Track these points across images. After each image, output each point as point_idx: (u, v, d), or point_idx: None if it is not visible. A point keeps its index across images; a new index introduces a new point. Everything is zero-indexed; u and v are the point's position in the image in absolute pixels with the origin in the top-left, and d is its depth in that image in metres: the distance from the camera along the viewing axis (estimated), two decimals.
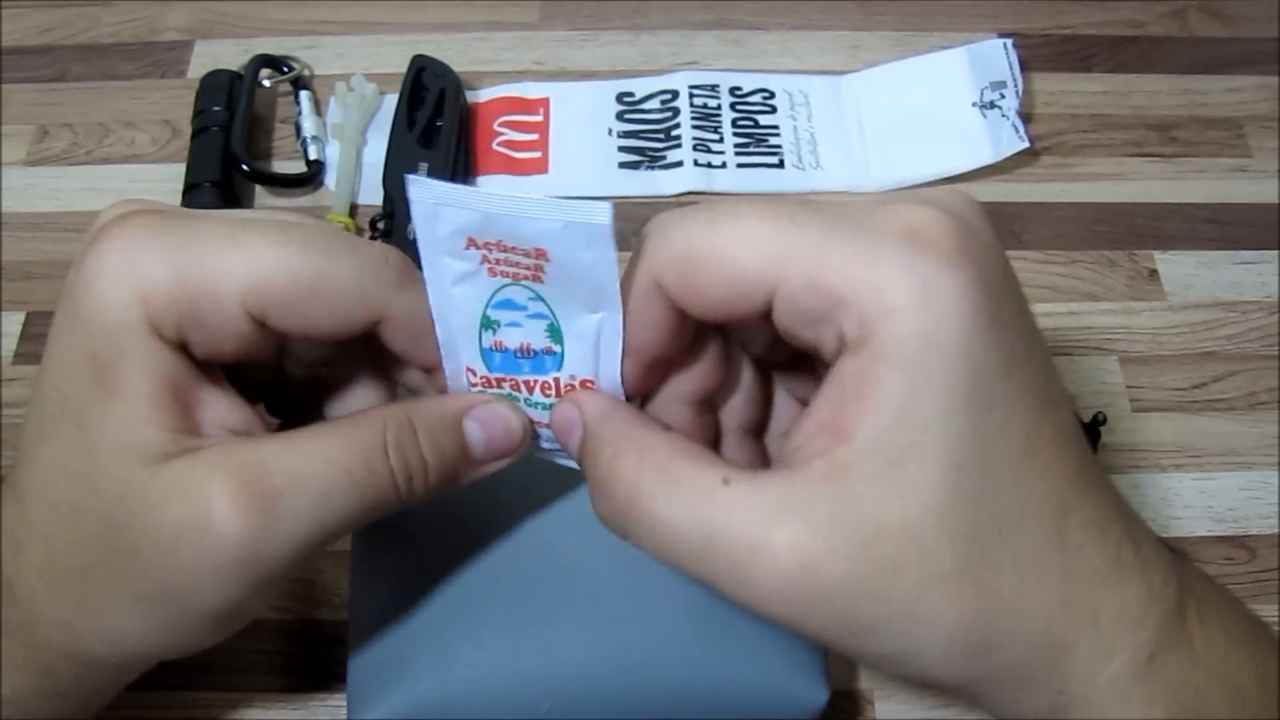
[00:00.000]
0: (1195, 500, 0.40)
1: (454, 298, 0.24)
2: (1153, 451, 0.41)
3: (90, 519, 0.23)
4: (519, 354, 0.25)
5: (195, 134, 0.46)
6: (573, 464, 0.27)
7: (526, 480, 0.32)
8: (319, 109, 0.49)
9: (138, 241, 0.23)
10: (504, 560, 0.31)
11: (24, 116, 0.49)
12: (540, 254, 0.23)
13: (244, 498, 0.22)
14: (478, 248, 0.23)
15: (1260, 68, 0.52)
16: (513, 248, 0.23)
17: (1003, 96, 0.49)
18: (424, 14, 0.53)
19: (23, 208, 0.46)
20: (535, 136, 0.49)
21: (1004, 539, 0.22)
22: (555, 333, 0.25)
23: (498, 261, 0.24)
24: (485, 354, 0.26)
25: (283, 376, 0.29)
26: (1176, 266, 0.46)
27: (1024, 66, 0.50)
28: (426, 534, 0.31)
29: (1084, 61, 0.52)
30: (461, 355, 0.26)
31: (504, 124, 0.49)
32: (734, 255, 0.22)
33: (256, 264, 0.23)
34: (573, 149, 0.49)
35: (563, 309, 0.24)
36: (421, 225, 0.23)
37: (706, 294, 0.22)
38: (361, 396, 0.28)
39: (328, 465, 0.23)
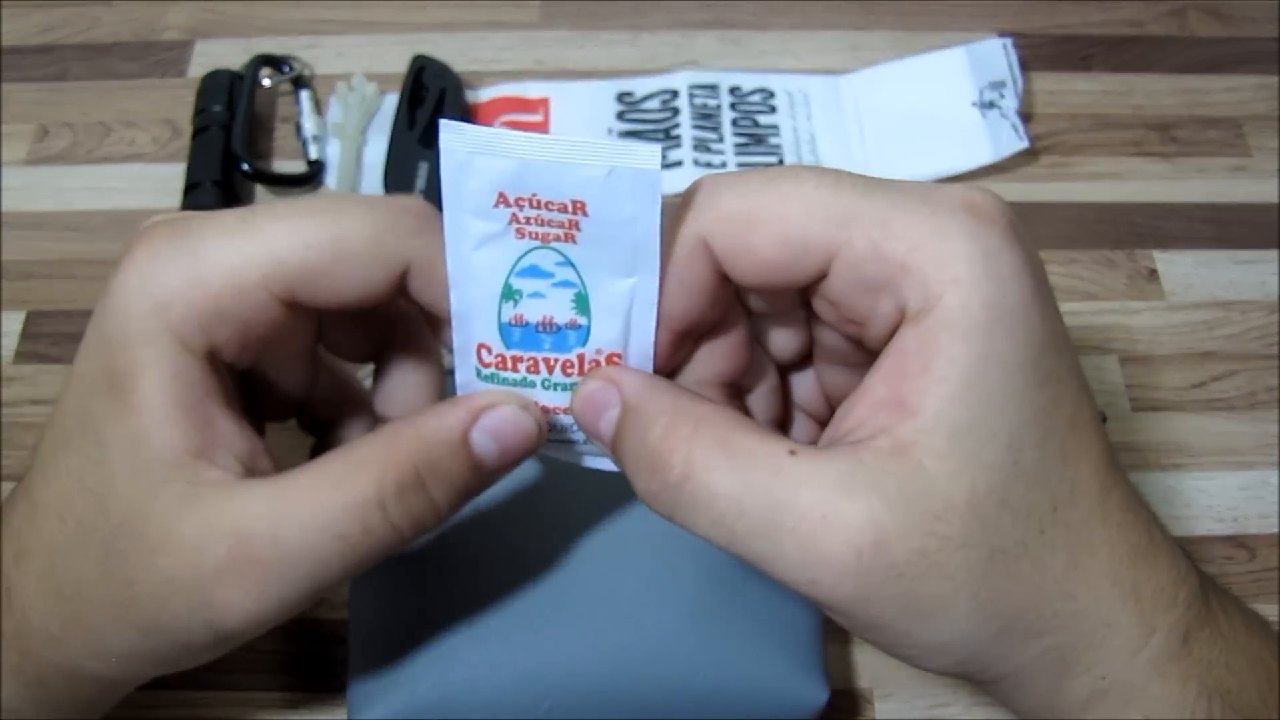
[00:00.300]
0: (1195, 499, 0.40)
1: (475, 264, 0.23)
2: (1152, 451, 0.41)
3: (94, 539, 0.23)
4: (540, 328, 0.24)
5: (196, 133, 0.47)
6: (579, 457, 0.26)
7: (527, 481, 0.32)
8: (319, 108, 0.49)
9: (156, 251, 0.23)
10: (504, 560, 0.31)
11: (24, 116, 0.49)
12: (578, 207, 0.22)
13: (235, 573, 0.22)
14: (508, 205, 0.22)
15: (1260, 67, 0.52)
16: (547, 202, 0.22)
17: (1002, 96, 0.49)
18: (424, 14, 0.53)
19: (23, 207, 0.46)
20: None
21: (1057, 517, 0.22)
22: (582, 303, 0.23)
23: (528, 221, 0.22)
24: (504, 329, 0.24)
25: (313, 391, 0.29)
26: (1176, 266, 0.46)
27: (1024, 66, 0.50)
28: (426, 534, 0.31)
29: (1084, 61, 0.52)
30: (475, 329, 0.24)
31: (504, 123, 0.49)
32: (794, 216, 0.21)
33: (272, 244, 0.23)
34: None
35: (593, 274, 0.23)
36: (449, 179, 0.22)
37: (760, 254, 0.22)
38: (404, 393, 0.28)
39: (317, 534, 0.22)
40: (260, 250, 0.23)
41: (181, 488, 0.22)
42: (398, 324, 0.28)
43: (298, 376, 0.28)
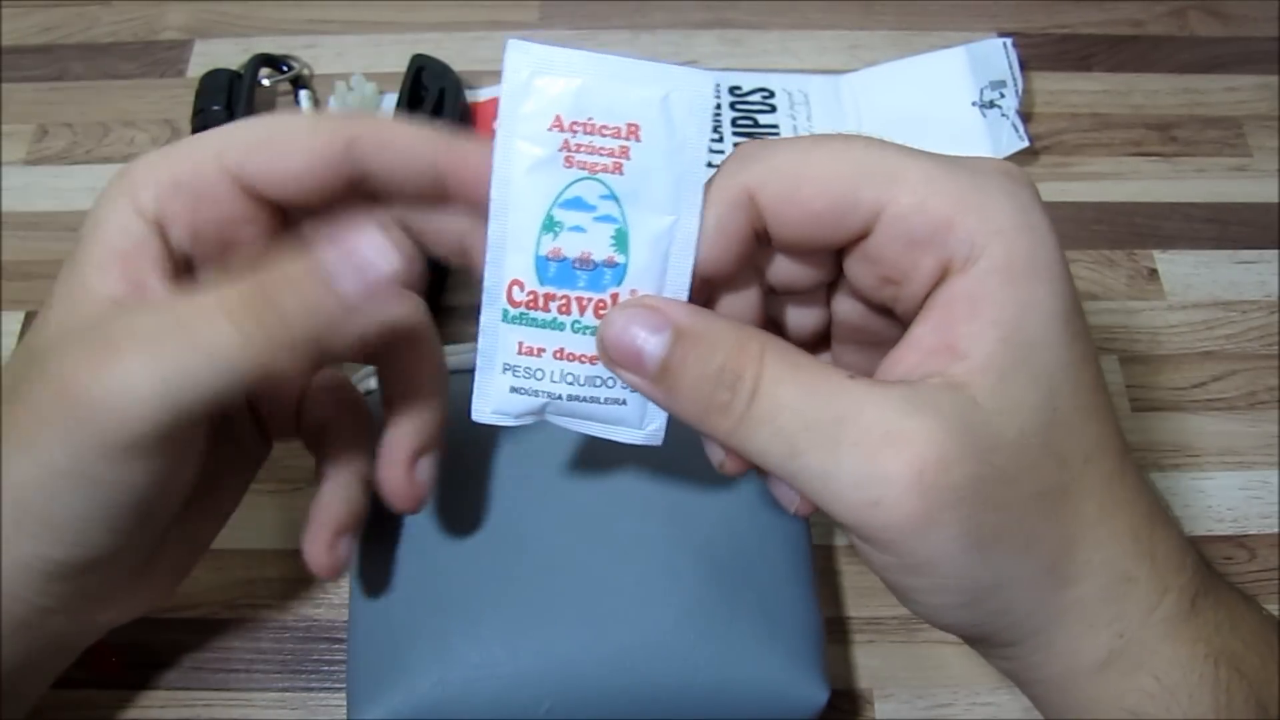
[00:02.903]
0: (1195, 500, 0.40)
1: (520, 190, 0.23)
2: (1152, 451, 0.41)
3: (27, 374, 0.24)
4: (577, 264, 0.24)
5: (195, 133, 0.46)
6: (594, 425, 0.26)
7: (527, 480, 0.32)
8: (319, 108, 0.49)
9: (136, 161, 0.25)
10: (504, 560, 0.31)
11: (24, 116, 0.49)
12: (632, 131, 0.22)
13: (136, 347, 0.22)
14: (562, 130, 0.23)
15: (1260, 67, 0.52)
16: (601, 126, 0.23)
17: (1002, 96, 0.48)
18: (424, 13, 0.53)
19: (22, 207, 0.46)
20: None
21: (1089, 467, 0.22)
22: (621, 239, 0.24)
23: (578, 148, 0.23)
24: (540, 262, 0.24)
25: (309, 405, 0.29)
26: (1176, 266, 0.46)
27: (1024, 66, 0.50)
28: (426, 534, 0.31)
29: (1084, 61, 0.52)
30: (510, 261, 0.24)
31: None
32: (845, 172, 0.23)
33: (229, 131, 0.25)
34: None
35: (635, 209, 0.23)
36: (507, 101, 0.22)
37: (809, 207, 0.23)
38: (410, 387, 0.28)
39: (170, 329, 0.22)
40: (218, 135, 0.25)
41: (94, 324, 0.23)
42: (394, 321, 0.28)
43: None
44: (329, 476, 0.29)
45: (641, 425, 0.26)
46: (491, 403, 0.25)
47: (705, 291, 0.25)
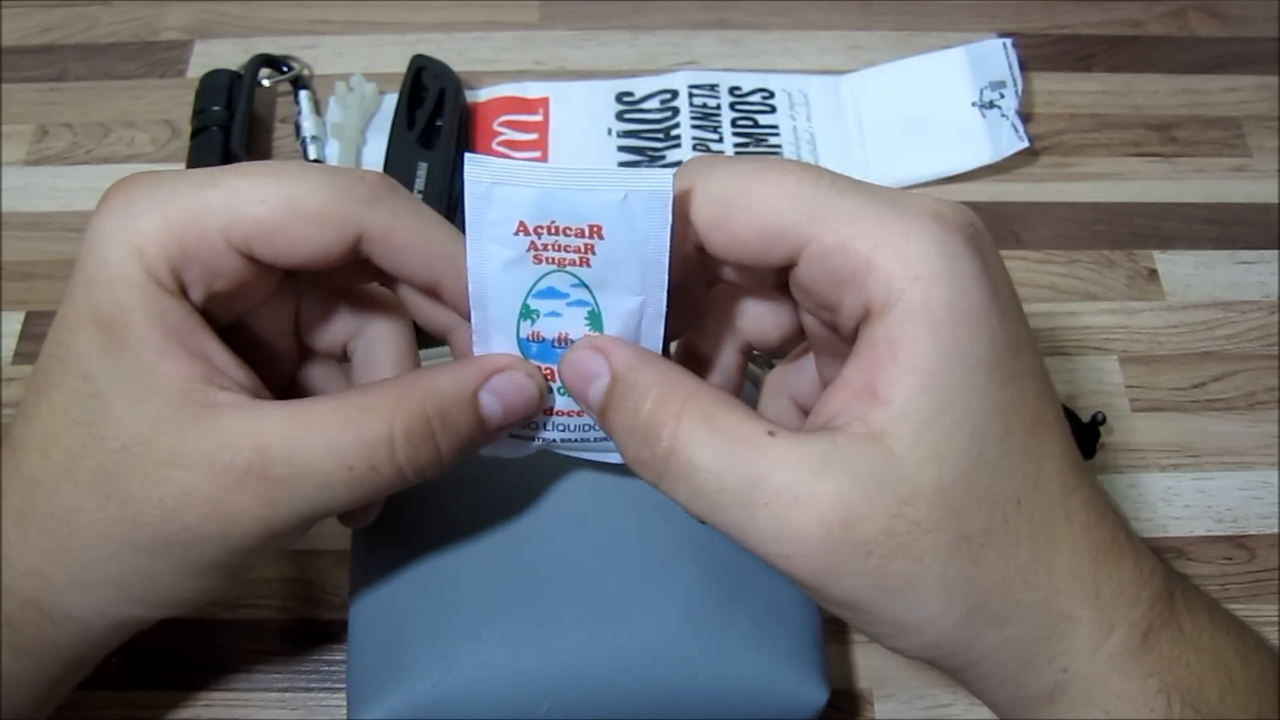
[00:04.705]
0: (1194, 500, 0.40)
1: (495, 286, 0.25)
2: (1152, 451, 0.41)
3: (85, 467, 0.24)
4: (556, 343, 0.25)
5: (195, 133, 0.46)
6: (589, 453, 0.28)
7: (527, 480, 0.32)
8: (319, 109, 0.49)
9: (130, 197, 0.24)
10: (504, 560, 0.31)
11: (24, 116, 0.49)
12: (595, 230, 0.23)
13: (252, 483, 0.23)
14: (527, 233, 0.23)
15: (1260, 68, 0.52)
16: (564, 228, 0.23)
17: (1002, 96, 0.48)
18: (424, 14, 0.53)
19: (22, 208, 0.46)
20: (535, 136, 0.49)
21: (1021, 510, 0.22)
22: (595, 320, 0.25)
23: (545, 247, 0.24)
24: (522, 344, 0.26)
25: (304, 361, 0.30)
26: (1176, 266, 0.46)
27: (1023, 66, 0.50)
28: (426, 534, 0.31)
29: (1083, 61, 0.52)
30: (495, 343, 0.26)
31: (504, 123, 0.49)
32: (773, 205, 0.23)
33: (233, 198, 0.24)
34: (572, 148, 0.49)
35: (606, 294, 0.24)
36: (473, 208, 0.23)
37: (737, 235, 0.23)
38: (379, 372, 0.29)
39: (329, 460, 0.23)
40: (221, 201, 0.24)
41: (195, 410, 0.23)
42: (372, 311, 0.29)
43: (280, 363, 0.29)
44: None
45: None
46: (495, 444, 0.28)
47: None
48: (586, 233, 0.23)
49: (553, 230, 0.23)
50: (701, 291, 0.28)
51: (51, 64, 0.51)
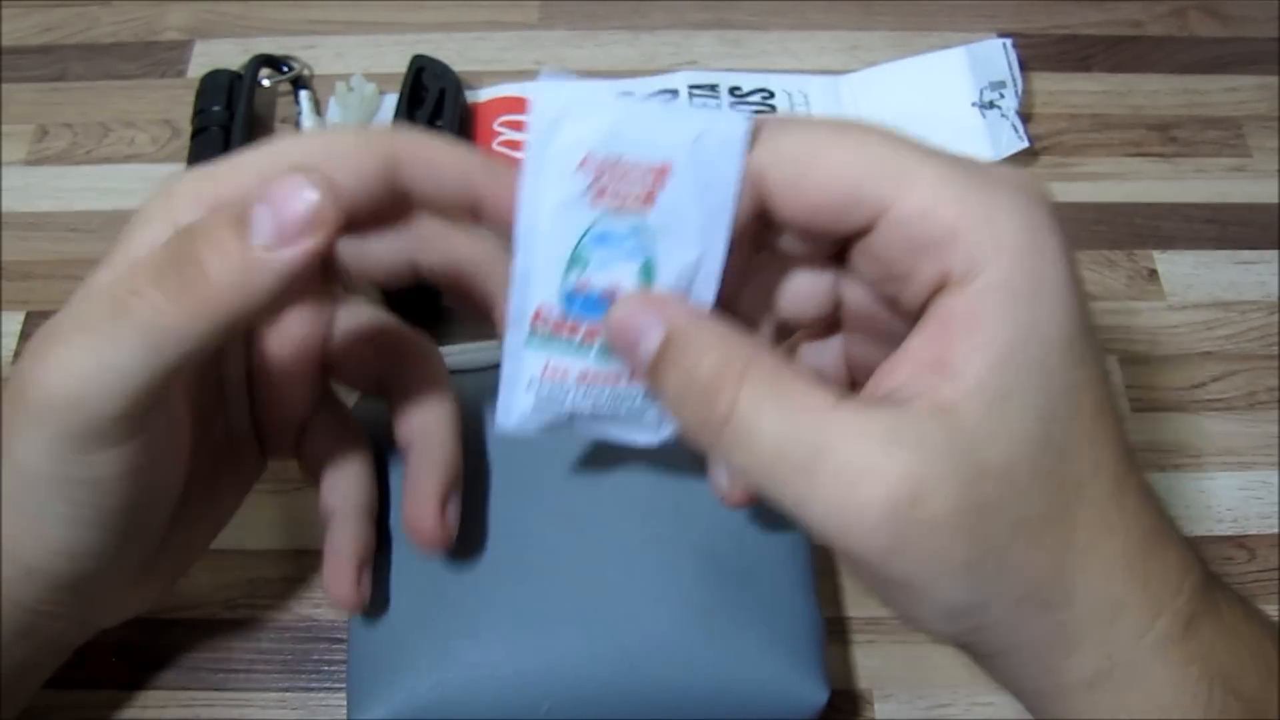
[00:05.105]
0: (1194, 500, 0.40)
1: (547, 226, 0.23)
2: (1152, 451, 0.41)
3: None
4: (603, 296, 0.24)
5: (195, 134, 0.46)
6: (615, 432, 0.26)
7: (527, 480, 0.32)
8: (319, 109, 0.49)
9: (178, 182, 0.25)
10: (504, 560, 0.31)
11: (24, 116, 0.49)
12: (663, 171, 0.22)
13: (39, 350, 0.23)
14: (590, 168, 0.22)
15: (1260, 68, 0.52)
16: (631, 166, 0.22)
17: (1002, 96, 0.48)
18: (424, 14, 0.53)
19: (23, 207, 0.46)
20: None
21: (1082, 495, 0.22)
22: (648, 271, 0.23)
23: (606, 187, 0.22)
24: (567, 295, 0.24)
25: (312, 422, 0.30)
26: (1176, 266, 0.46)
27: (1023, 66, 0.50)
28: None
29: (1083, 61, 0.52)
30: (535, 292, 0.24)
31: (504, 124, 0.49)
32: (853, 167, 0.22)
33: (273, 151, 0.25)
34: None
35: (662, 244, 0.23)
36: (537, 136, 0.22)
37: (812, 198, 0.22)
38: (421, 421, 0.29)
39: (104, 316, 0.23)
40: (260, 155, 0.24)
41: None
42: (406, 355, 0.29)
43: (300, 389, 0.29)
44: (337, 511, 0.29)
45: (657, 431, 0.26)
46: (515, 417, 0.26)
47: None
48: (653, 172, 0.22)
49: (618, 168, 0.22)
50: (743, 262, 0.26)
51: (51, 64, 0.51)
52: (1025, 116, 0.49)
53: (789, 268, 0.26)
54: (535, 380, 0.25)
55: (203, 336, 0.22)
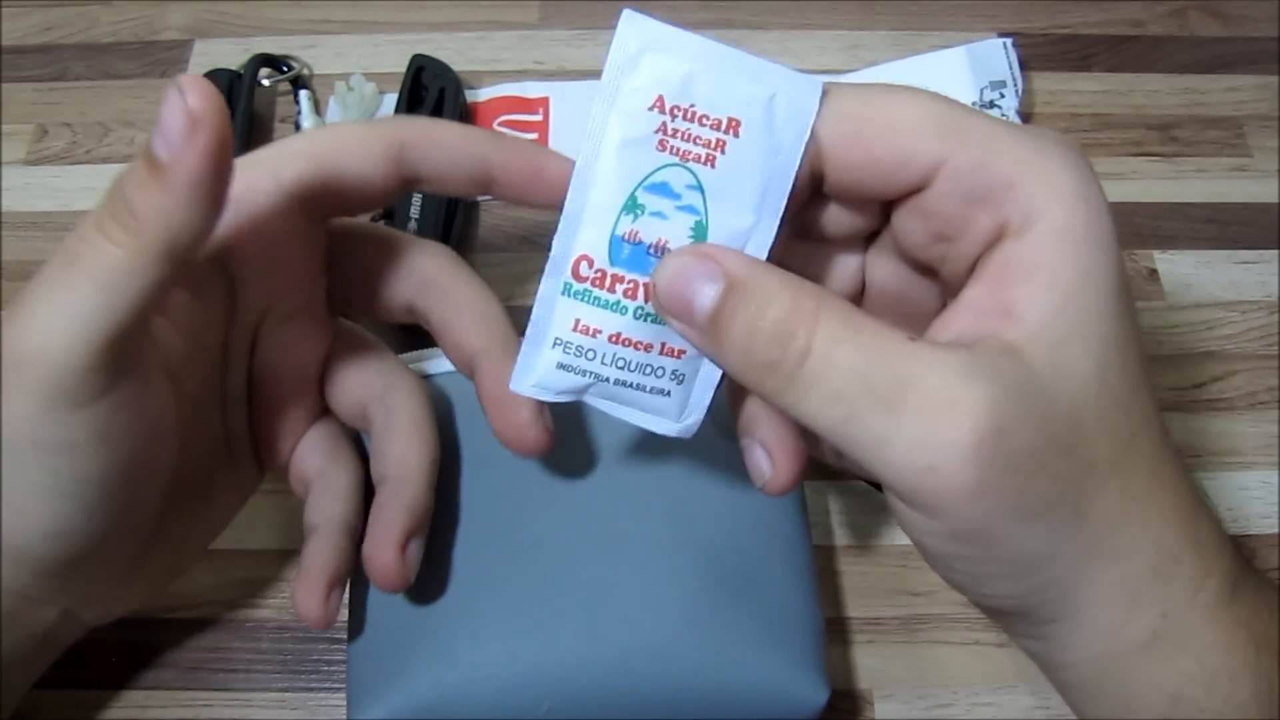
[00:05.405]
0: None
1: (608, 166, 0.22)
2: None
3: None
4: (652, 250, 0.23)
5: None
6: (635, 407, 0.25)
7: (527, 480, 0.32)
8: (319, 108, 0.49)
9: None
10: (504, 560, 0.31)
11: (24, 116, 0.49)
12: (733, 125, 0.22)
13: (7, 318, 0.23)
14: (662, 112, 0.22)
15: (1260, 67, 0.52)
16: (702, 116, 0.22)
17: (1002, 96, 0.48)
18: (424, 13, 0.53)
19: (22, 207, 0.46)
20: (535, 136, 0.49)
21: (1135, 443, 0.22)
22: (700, 231, 0.23)
23: (674, 133, 0.22)
24: (614, 241, 0.23)
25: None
26: (1176, 266, 0.46)
27: (1024, 66, 0.50)
28: (426, 533, 0.31)
29: (1084, 61, 0.52)
30: (584, 234, 0.23)
31: (504, 123, 0.49)
32: (909, 122, 0.22)
33: (283, 149, 0.26)
34: (573, 148, 0.48)
35: (719, 205, 0.23)
36: (612, 71, 0.22)
37: (870, 151, 0.23)
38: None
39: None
40: (274, 151, 0.26)
41: None
42: (393, 390, 0.30)
43: (295, 404, 0.29)
44: (318, 528, 0.29)
45: (679, 419, 0.25)
46: (535, 375, 0.24)
47: None
48: (724, 125, 0.22)
49: (689, 115, 0.22)
50: (780, 247, 0.26)
51: (51, 64, 0.51)
52: (1025, 116, 0.49)
53: (818, 251, 0.26)
54: (565, 334, 0.24)
55: (147, 270, 0.22)
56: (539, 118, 0.49)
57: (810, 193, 0.24)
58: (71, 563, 0.25)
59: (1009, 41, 0.50)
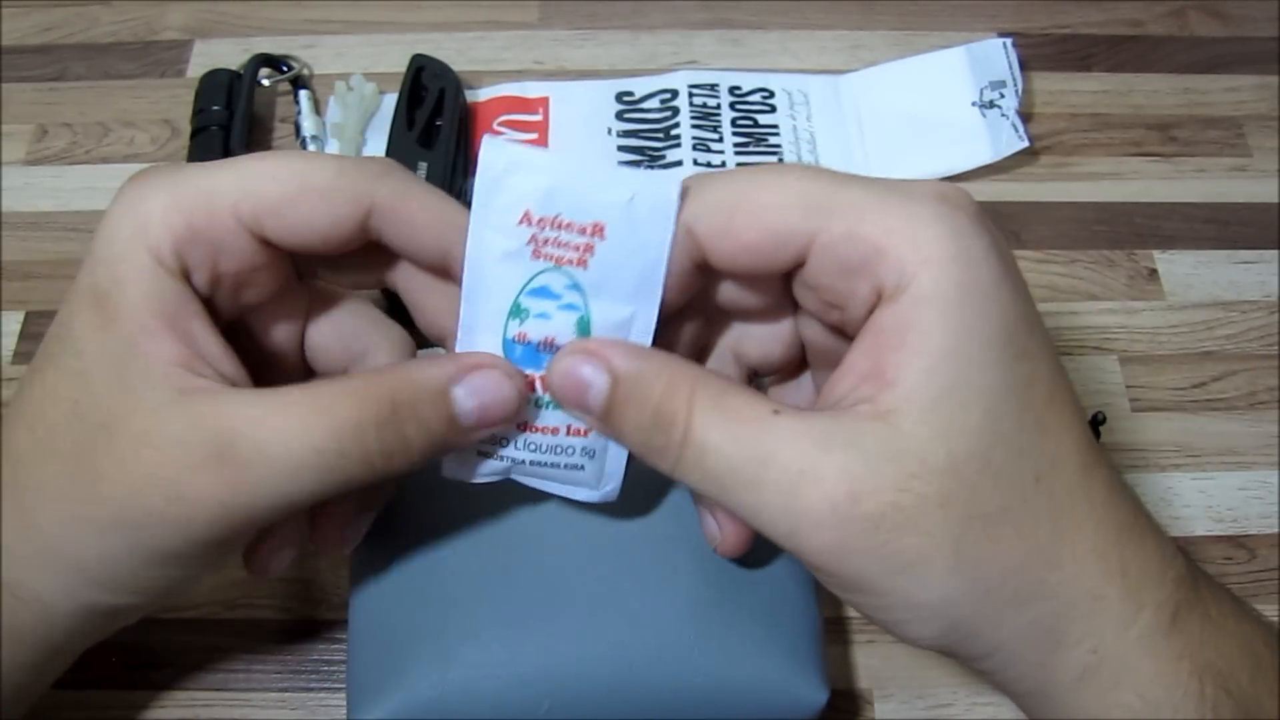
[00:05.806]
0: (1194, 500, 0.40)
1: (490, 278, 0.24)
2: (1152, 451, 0.41)
3: (63, 441, 0.24)
4: (541, 347, 0.25)
5: (194, 133, 0.46)
6: (559, 485, 0.27)
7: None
8: (318, 108, 0.49)
9: (144, 182, 0.24)
10: (503, 560, 0.31)
11: (23, 116, 0.49)
12: (597, 229, 0.23)
13: (216, 467, 0.23)
14: (530, 224, 0.23)
15: (1260, 67, 0.52)
16: (568, 224, 0.23)
17: (1002, 96, 0.48)
18: (423, 13, 0.53)
19: (22, 207, 0.46)
20: (535, 136, 0.49)
21: (1040, 487, 0.22)
22: (584, 326, 0.25)
23: (545, 242, 0.24)
24: (507, 344, 0.25)
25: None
26: (1176, 266, 0.46)
27: (1023, 66, 0.50)
28: (426, 534, 0.31)
29: (1083, 61, 0.52)
30: (480, 341, 0.25)
31: (503, 123, 0.49)
32: (777, 204, 0.23)
33: (245, 177, 0.24)
34: (572, 148, 0.49)
35: (598, 300, 0.24)
36: (481, 193, 0.23)
37: (743, 239, 0.23)
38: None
39: (295, 444, 0.23)
40: (232, 181, 0.24)
41: (170, 392, 0.23)
42: (377, 336, 0.29)
43: (284, 380, 0.29)
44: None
45: (598, 487, 0.28)
46: (458, 462, 0.27)
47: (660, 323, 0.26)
48: (589, 230, 0.23)
49: (556, 224, 0.23)
50: (702, 324, 0.28)
51: (51, 64, 0.51)
52: (1025, 116, 0.49)
53: (746, 321, 0.27)
54: None
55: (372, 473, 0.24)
56: (539, 118, 0.49)
57: (703, 277, 0.25)
58: (130, 612, 0.27)
59: (1009, 41, 0.50)
